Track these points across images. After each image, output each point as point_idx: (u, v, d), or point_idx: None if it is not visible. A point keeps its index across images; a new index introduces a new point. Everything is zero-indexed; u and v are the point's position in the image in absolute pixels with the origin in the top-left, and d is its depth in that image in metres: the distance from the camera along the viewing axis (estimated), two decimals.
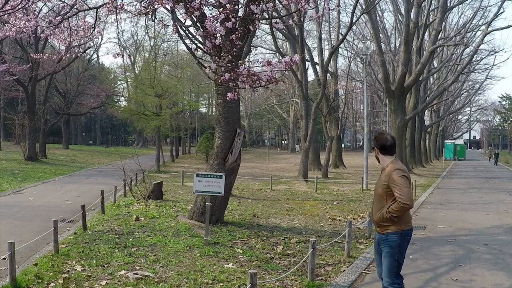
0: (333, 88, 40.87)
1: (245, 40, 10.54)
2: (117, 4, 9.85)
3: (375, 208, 6.14)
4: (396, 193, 5.79)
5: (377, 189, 6.08)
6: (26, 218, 13.72)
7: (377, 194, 6.08)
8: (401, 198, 5.75)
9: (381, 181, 6.02)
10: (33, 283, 7.53)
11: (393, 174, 5.87)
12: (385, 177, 5.97)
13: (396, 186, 5.81)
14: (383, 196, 5.98)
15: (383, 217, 5.95)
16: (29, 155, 36.42)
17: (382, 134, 6.38)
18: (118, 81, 67.87)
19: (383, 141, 6.19)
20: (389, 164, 6.06)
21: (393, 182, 5.84)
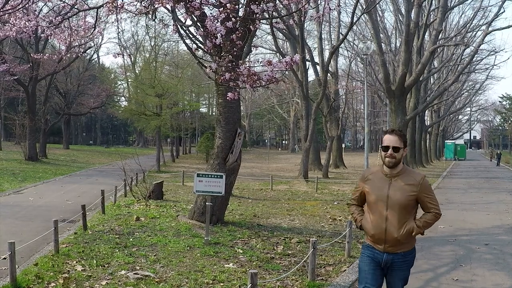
0: (334, 88, 40.86)
1: (245, 40, 10.53)
2: (118, 4, 9.84)
3: (394, 223, 4.96)
4: (432, 204, 5.01)
5: (398, 200, 4.94)
6: (27, 218, 13.72)
7: (400, 206, 4.95)
8: (438, 208, 5.05)
9: (405, 191, 4.94)
10: (33, 283, 7.53)
11: (425, 182, 5.00)
12: (411, 187, 4.96)
13: (431, 196, 5.03)
14: (408, 208, 4.97)
15: (410, 234, 4.97)
16: (30, 155, 36.42)
17: (399, 130, 5.33)
18: (118, 81, 67.83)
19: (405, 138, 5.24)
20: (404, 169, 5.10)
21: (428, 191, 5.02)
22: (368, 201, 5.16)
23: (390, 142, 4.99)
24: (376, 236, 5.05)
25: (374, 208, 5.06)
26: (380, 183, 5.04)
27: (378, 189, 5.02)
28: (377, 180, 5.08)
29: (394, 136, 5.02)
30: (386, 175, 5.05)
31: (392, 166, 4.99)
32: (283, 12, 23.53)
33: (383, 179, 5.05)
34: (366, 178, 5.19)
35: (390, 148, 4.96)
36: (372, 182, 5.11)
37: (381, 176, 5.08)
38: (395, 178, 5.01)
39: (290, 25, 29.14)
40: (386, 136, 5.07)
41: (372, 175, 5.17)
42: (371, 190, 5.08)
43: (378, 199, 4.99)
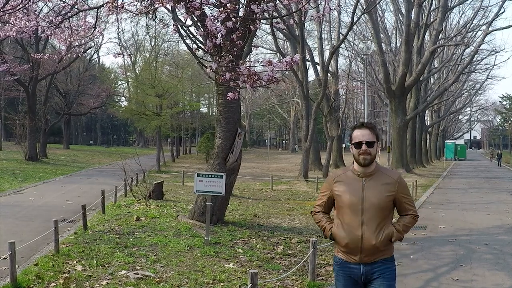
0: (334, 88, 40.87)
1: (245, 40, 10.54)
2: (118, 4, 9.84)
3: (371, 229, 4.33)
4: (409, 205, 4.49)
5: (375, 202, 4.35)
6: (27, 218, 13.73)
7: (377, 209, 4.35)
8: (415, 210, 4.56)
9: (381, 191, 4.37)
10: (33, 283, 7.53)
11: (402, 181, 4.48)
12: (388, 186, 4.41)
13: (408, 196, 4.53)
14: (385, 211, 4.39)
15: (390, 239, 4.38)
16: (30, 155, 36.42)
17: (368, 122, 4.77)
18: (118, 81, 67.81)
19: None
20: (378, 167, 4.53)
21: (405, 191, 4.50)
22: (339, 206, 4.51)
23: (362, 137, 4.41)
24: (351, 245, 4.37)
25: (347, 213, 4.41)
26: (352, 184, 4.44)
27: (351, 191, 4.42)
28: (348, 181, 4.48)
29: (365, 130, 4.44)
30: (358, 175, 4.45)
31: (367, 164, 4.40)
32: (283, 12, 23.52)
33: (356, 179, 4.44)
34: (335, 180, 4.55)
35: (363, 143, 4.38)
36: (343, 184, 4.50)
37: (353, 177, 4.48)
38: (369, 178, 4.42)
39: (290, 25, 29.15)
40: (356, 132, 4.47)
41: (342, 176, 4.55)
42: (342, 193, 4.45)
43: (352, 202, 4.37)
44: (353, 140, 4.47)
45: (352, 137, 4.48)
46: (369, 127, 4.47)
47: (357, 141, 4.41)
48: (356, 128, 4.52)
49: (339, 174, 4.62)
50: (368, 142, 4.38)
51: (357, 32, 47.30)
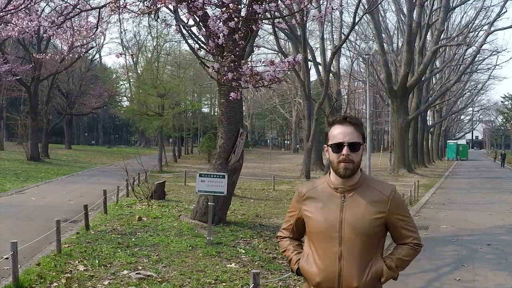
0: (336, 88, 40.87)
1: (247, 40, 10.54)
2: (120, 4, 9.85)
3: (352, 264, 3.19)
4: (407, 230, 3.30)
5: (359, 228, 3.19)
6: (29, 218, 13.73)
7: (361, 237, 3.19)
8: (418, 237, 3.35)
9: (368, 212, 3.21)
10: (35, 282, 7.54)
11: (397, 197, 3.29)
12: (377, 205, 3.23)
13: (407, 218, 3.32)
14: (373, 240, 3.23)
15: (378, 279, 3.27)
16: (32, 155, 36.44)
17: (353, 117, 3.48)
18: (120, 81, 67.81)
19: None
20: (363, 178, 3.34)
21: (402, 211, 3.30)
22: (310, 231, 3.36)
23: (344, 136, 3.20)
24: (324, 285, 3.25)
25: (320, 242, 3.27)
26: (328, 202, 3.28)
27: (325, 212, 3.26)
28: (323, 198, 3.32)
29: (348, 126, 3.24)
30: (336, 189, 3.29)
31: (349, 175, 3.21)
32: (285, 12, 23.54)
33: (332, 195, 3.29)
34: (305, 197, 3.40)
35: (344, 145, 3.18)
36: (315, 201, 3.34)
37: (328, 192, 3.31)
38: (351, 194, 3.26)
39: (292, 25, 29.17)
40: (335, 128, 3.27)
41: (314, 191, 3.38)
42: (314, 214, 3.30)
43: (326, 227, 3.23)
44: (330, 140, 3.27)
45: (329, 136, 3.29)
46: (354, 123, 3.25)
47: (335, 141, 3.22)
48: (335, 123, 3.30)
49: (310, 187, 3.43)
50: (351, 144, 3.19)
51: (359, 32, 47.37)
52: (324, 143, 3.35)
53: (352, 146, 3.19)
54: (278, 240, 3.71)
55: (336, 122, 3.30)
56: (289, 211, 3.60)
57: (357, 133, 3.23)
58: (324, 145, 3.37)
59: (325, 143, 3.36)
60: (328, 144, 3.30)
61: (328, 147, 3.30)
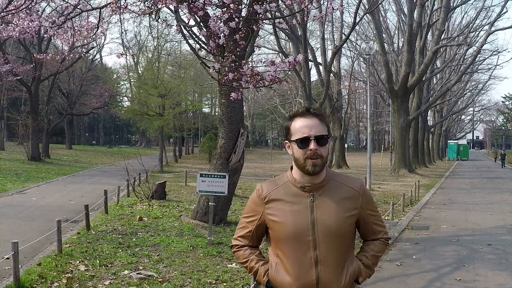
0: (336, 88, 40.89)
1: (248, 40, 10.55)
2: (121, 4, 9.86)
3: (330, 267, 2.92)
4: (378, 225, 3.15)
5: (333, 228, 2.92)
6: (30, 218, 13.74)
7: (336, 237, 2.92)
8: (386, 231, 3.23)
9: (340, 210, 2.95)
10: (36, 282, 7.55)
11: (366, 191, 3.11)
12: (348, 202, 3.00)
13: (376, 213, 3.16)
14: (347, 239, 3.00)
15: (357, 279, 3.05)
16: (32, 155, 36.45)
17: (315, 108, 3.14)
18: (121, 81, 67.78)
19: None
20: (330, 174, 3.07)
21: (372, 205, 3.14)
22: (277, 237, 2.99)
23: (310, 129, 2.90)
24: None
25: (291, 248, 2.93)
26: (295, 204, 2.96)
27: (294, 215, 2.93)
28: (288, 199, 2.98)
29: (313, 118, 2.94)
30: (303, 187, 2.97)
31: (317, 172, 2.92)
32: (286, 12, 23.53)
33: (299, 195, 2.97)
34: (267, 199, 3.04)
35: (311, 140, 2.87)
36: (279, 203, 2.99)
37: (294, 192, 2.99)
38: (319, 192, 2.97)
39: (293, 25, 29.16)
40: (299, 121, 2.95)
41: (277, 192, 3.03)
42: (281, 218, 2.95)
43: (298, 231, 2.90)
44: (293, 135, 2.95)
45: (292, 131, 2.97)
46: (318, 115, 2.96)
47: (301, 136, 2.90)
48: (297, 116, 2.99)
49: (271, 188, 3.07)
50: (318, 137, 2.89)
51: (360, 32, 47.34)
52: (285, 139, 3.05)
53: (319, 140, 2.89)
54: (234, 250, 3.25)
55: (298, 115, 2.98)
56: (245, 215, 3.19)
57: (322, 125, 2.94)
58: (285, 141, 3.05)
59: (286, 139, 3.05)
60: (291, 140, 2.97)
61: (290, 143, 2.98)
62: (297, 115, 2.98)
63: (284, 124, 3.13)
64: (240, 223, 3.22)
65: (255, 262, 3.10)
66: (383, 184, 27.97)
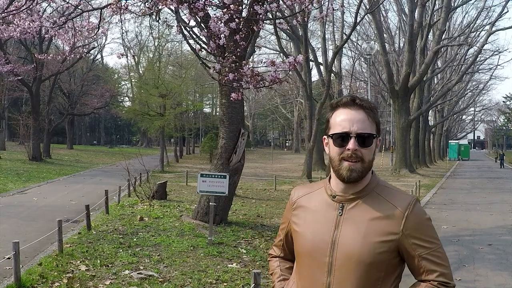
0: (337, 88, 40.87)
1: (249, 41, 10.56)
2: (122, 4, 9.88)
3: None
4: (432, 262, 2.29)
5: (356, 254, 2.27)
6: (31, 218, 13.76)
7: (357, 264, 2.27)
8: (447, 273, 2.31)
9: (372, 233, 2.28)
10: (37, 282, 7.56)
11: (417, 212, 2.31)
12: (385, 223, 2.29)
13: (432, 245, 2.31)
14: (376, 270, 2.29)
15: None
16: (34, 155, 36.48)
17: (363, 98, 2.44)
18: (122, 81, 67.98)
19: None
20: (374, 184, 2.40)
21: (421, 234, 2.29)
22: (297, 251, 2.50)
23: (351, 123, 2.30)
24: None
25: (305, 267, 2.42)
26: (320, 214, 2.41)
27: (316, 228, 2.39)
28: (315, 207, 2.44)
29: (358, 111, 2.33)
30: (333, 196, 2.39)
31: (354, 179, 2.31)
32: (286, 12, 23.54)
33: (328, 206, 2.40)
34: (296, 205, 2.55)
35: (351, 137, 2.29)
36: (305, 212, 2.48)
37: (323, 201, 2.43)
38: (352, 205, 2.36)
39: (293, 26, 29.21)
40: (341, 112, 2.36)
41: (307, 198, 2.51)
42: (301, 228, 2.45)
43: (314, 248, 2.36)
44: (331, 129, 2.38)
45: (331, 124, 2.40)
46: (366, 107, 2.34)
47: (339, 131, 2.33)
48: (339, 106, 2.39)
49: (303, 192, 2.56)
50: (361, 135, 2.30)
51: (361, 32, 47.34)
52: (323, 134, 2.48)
53: (362, 139, 2.29)
54: (268, 259, 2.81)
55: (342, 105, 2.37)
56: (281, 222, 2.70)
57: (369, 121, 2.32)
58: (324, 136, 2.46)
59: (324, 134, 2.45)
60: (328, 134, 2.39)
61: (328, 138, 2.40)
62: (340, 105, 2.37)
63: (326, 115, 2.47)
64: (278, 231, 2.76)
65: (276, 277, 2.67)
66: None
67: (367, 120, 2.31)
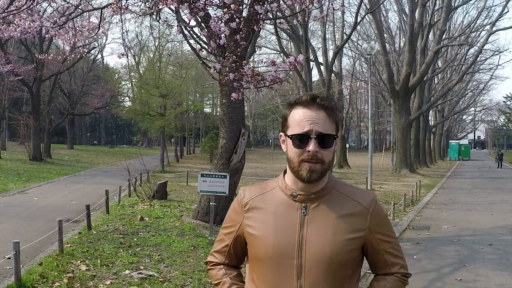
0: (338, 88, 40.88)
1: (249, 40, 10.56)
2: (122, 4, 9.88)
3: None
4: (393, 255, 2.36)
5: (327, 253, 2.21)
6: (31, 218, 13.76)
7: (328, 265, 2.21)
8: (405, 265, 2.41)
9: (340, 230, 2.23)
10: (37, 282, 7.56)
11: (378, 209, 2.34)
12: (352, 220, 2.27)
13: (392, 239, 2.38)
14: (346, 269, 2.25)
15: None
16: (34, 155, 36.47)
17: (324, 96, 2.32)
18: (122, 81, 67.92)
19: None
20: (332, 183, 2.35)
21: (385, 228, 2.35)
22: (254, 257, 2.34)
23: (312, 123, 2.20)
24: None
25: (268, 272, 2.27)
26: (281, 215, 2.28)
27: (279, 230, 2.26)
28: (273, 209, 2.30)
29: (319, 110, 2.22)
30: (294, 197, 2.29)
31: (314, 180, 2.22)
32: (287, 12, 23.52)
33: (288, 206, 2.29)
34: (248, 206, 2.37)
35: (312, 138, 2.19)
36: (262, 213, 2.32)
37: (282, 201, 2.31)
38: (315, 204, 2.27)
39: (294, 25, 29.18)
40: (301, 111, 2.24)
41: (261, 199, 2.36)
42: (260, 231, 2.29)
43: (279, 252, 2.24)
44: (289, 128, 2.27)
45: (289, 122, 2.28)
46: (326, 107, 2.23)
47: (299, 131, 2.21)
48: (299, 104, 2.27)
49: (255, 193, 2.40)
50: (321, 136, 2.20)
51: (361, 32, 47.34)
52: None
53: (322, 140, 2.19)
54: (209, 267, 2.54)
55: (301, 103, 2.24)
56: (223, 226, 2.48)
57: (330, 121, 2.22)
58: (280, 133, 2.35)
59: (281, 131, 2.32)
60: (286, 134, 2.26)
61: (286, 137, 2.27)
62: (299, 103, 2.24)
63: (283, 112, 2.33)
64: (218, 235, 2.51)
65: (227, 286, 2.42)
66: (384, 184, 27.97)
67: (328, 120, 2.21)
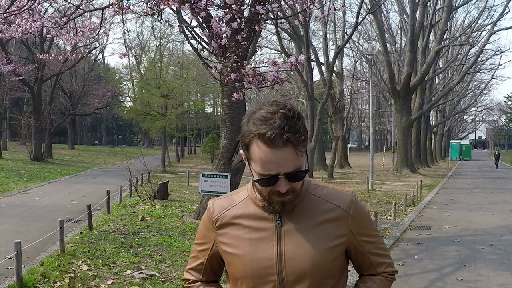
0: (339, 88, 40.90)
1: (250, 40, 10.56)
2: (123, 5, 9.88)
3: None
4: (378, 255, 2.22)
5: (308, 266, 2.02)
6: (32, 218, 13.77)
7: (313, 277, 2.03)
8: (392, 262, 2.27)
9: (321, 238, 2.04)
10: (39, 282, 7.57)
11: (359, 208, 2.15)
12: (334, 224, 2.07)
13: (376, 238, 2.22)
14: (331, 277, 2.11)
15: None
16: (35, 155, 36.48)
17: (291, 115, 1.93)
18: (123, 81, 67.84)
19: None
20: (306, 184, 2.11)
21: (367, 228, 2.19)
22: (233, 275, 2.16)
23: (277, 165, 1.91)
24: None
25: None
26: (257, 230, 2.09)
27: (255, 246, 2.08)
28: (247, 223, 2.11)
29: (285, 148, 1.89)
30: (265, 208, 2.08)
31: (289, 210, 2.06)
32: (288, 12, 23.53)
33: (262, 219, 2.09)
34: (220, 223, 2.17)
35: (280, 178, 1.94)
36: (236, 230, 2.13)
37: (255, 213, 2.11)
38: (290, 216, 2.08)
39: (295, 25, 29.16)
40: (264, 150, 1.89)
41: (231, 213, 2.16)
42: (238, 249, 2.10)
43: (258, 269, 2.06)
44: (255, 164, 1.98)
45: (253, 156, 1.96)
46: (293, 142, 1.90)
47: (265, 172, 1.94)
48: (261, 139, 1.90)
49: (224, 207, 2.19)
50: (290, 174, 1.95)
51: (362, 32, 47.30)
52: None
53: (292, 176, 1.96)
54: (185, 285, 2.32)
55: (263, 140, 1.89)
56: (196, 242, 2.28)
57: (297, 156, 1.94)
58: (241, 150, 2.07)
59: (242, 148, 2.03)
60: (253, 170, 2.00)
61: (249, 166, 2.03)
62: (264, 139, 1.88)
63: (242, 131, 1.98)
64: (192, 252, 2.31)
65: None
66: (385, 184, 27.97)
67: (295, 155, 1.92)
